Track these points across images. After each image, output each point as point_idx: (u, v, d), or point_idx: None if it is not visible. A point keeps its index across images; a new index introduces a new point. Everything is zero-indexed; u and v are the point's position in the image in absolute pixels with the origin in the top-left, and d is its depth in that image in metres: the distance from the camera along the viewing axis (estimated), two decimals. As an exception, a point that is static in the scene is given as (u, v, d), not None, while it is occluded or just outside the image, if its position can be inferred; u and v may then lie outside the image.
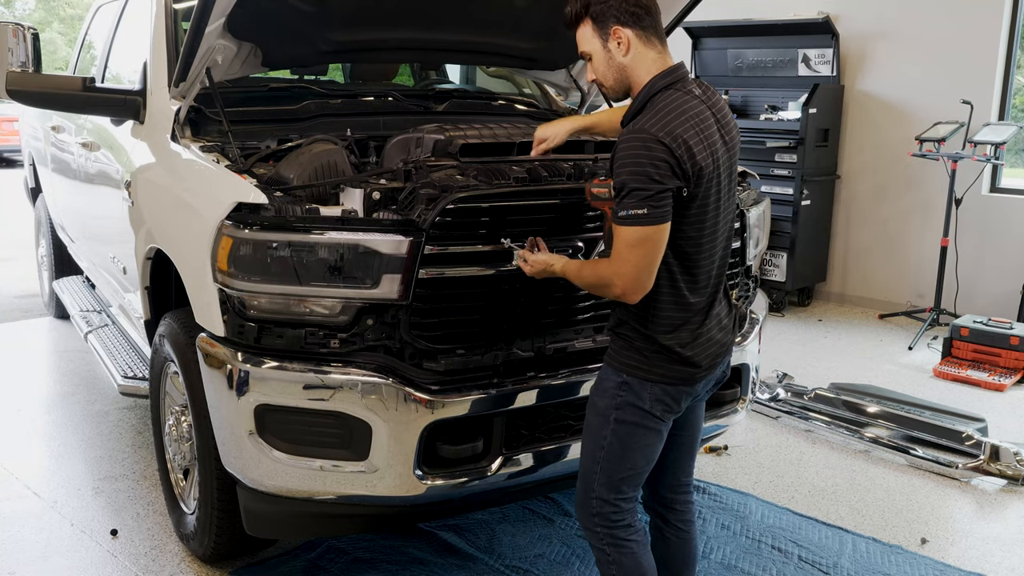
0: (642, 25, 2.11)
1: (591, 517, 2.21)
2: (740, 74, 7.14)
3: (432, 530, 3.18)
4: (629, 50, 2.12)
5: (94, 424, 4.17)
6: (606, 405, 2.17)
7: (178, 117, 3.00)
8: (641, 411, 2.14)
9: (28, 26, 3.32)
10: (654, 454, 2.22)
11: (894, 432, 4.15)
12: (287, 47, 3.28)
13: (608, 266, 2.07)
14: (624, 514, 2.20)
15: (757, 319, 3.21)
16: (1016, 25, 6.06)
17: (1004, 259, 6.08)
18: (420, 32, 3.49)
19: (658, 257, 2.02)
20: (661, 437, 2.21)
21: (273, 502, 2.53)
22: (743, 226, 3.07)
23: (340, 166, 2.69)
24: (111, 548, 3.09)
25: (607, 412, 2.16)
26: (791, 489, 3.69)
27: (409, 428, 2.37)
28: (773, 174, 6.47)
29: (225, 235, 2.36)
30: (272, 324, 2.40)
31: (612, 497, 2.19)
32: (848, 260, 6.93)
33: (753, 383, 3.16)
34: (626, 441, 2.16)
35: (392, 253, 2.32)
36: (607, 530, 2.20)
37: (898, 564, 3.09)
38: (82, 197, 4.24)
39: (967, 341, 5.27)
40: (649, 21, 2.12)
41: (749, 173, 3.37)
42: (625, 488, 2.20)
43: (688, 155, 1.98)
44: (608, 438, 2.16)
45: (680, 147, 1.97)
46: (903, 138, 6.35)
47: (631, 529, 2.21)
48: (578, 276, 2.19)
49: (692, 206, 2.04)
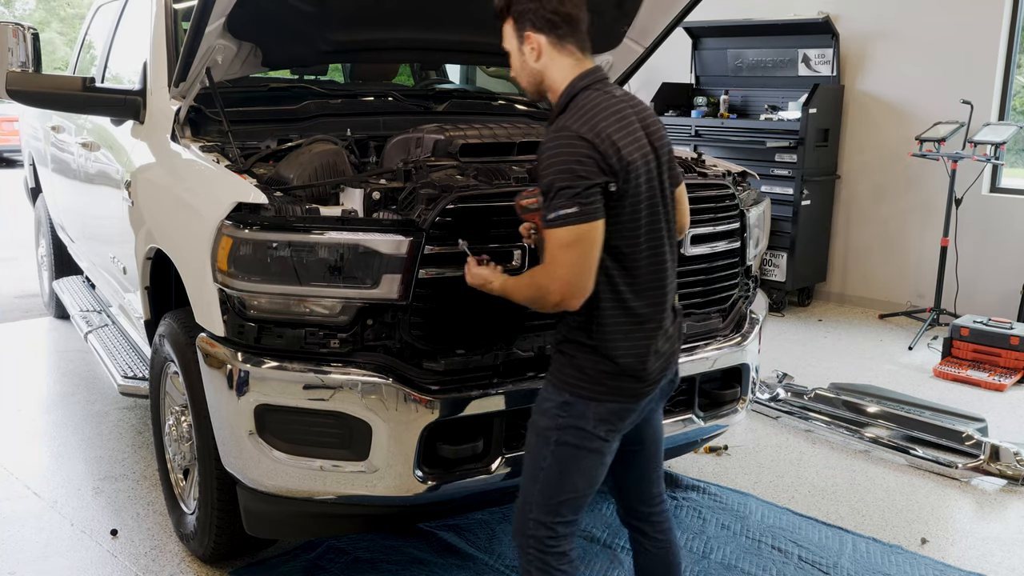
0: (557, 33, 2.06)
1: (526, 538, 2.13)
2: (740, 74, 7.14)
3: (432, 530, 3.18)
4: (540, 56, 2.08)
5: (94, 424, 4.17)
6: (547, 426, 2.08)
7: (178, 117, 3.00)
8: (584, 432, 2.05)
9: (28, 26, 3.32)
10: (597, 477, 2.12)
11: (894, 432, 4.15)
12: (287, 47, 3.28)
13: (543, 273, 1.99)
14: (560, 540, 2.12)
15: (757, 319, 3.21)
16: (1016, 25, 6.06)
17: (1004, 259, 6.08)
18: (420, 32, 3.49)
19: (593, 257, 1.95)
20: (604, 459, 2.11)
21: (273, 502, 2.53)
22: (743, 226, 3.07)
23: (340, 166, 2.69)
24: (111, 548, 3.09)
25: (548, 433, 2.08)
26: (791, 489, 3.69)
27: (409, 428, 2.37)
28: (773, 174, 6.47)
29: (225, 235, 2.36)
30: (272, 324, 2.40)
31: (549, 520, 2.10)
32: (848, 260, 6.93)
33: (753, 383, 3.16)
34: (567, 464, 2.07)
35: (392, 253, 2.32)
36: (539, 554, 2.11)
37: (898, 564, 3.09)
38: (82, 197, 4.24)
39: (967, 341, 5.27)
40: (567, 30, 2.06)
41: (749, 173, 3.37)
42: (564, 512, 2.11)
43: (613, 149, 1.94)
44: (548, 459, 2.08)
45: (604, 142, 1.93)
46: (903, 138, 6.35)
47: (564, 558, 2.11)
48: (516, 290, 2.09)
49: (624, 203, 1.98)
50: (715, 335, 2.99)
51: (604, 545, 3.13)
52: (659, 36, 3.70)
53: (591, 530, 3.22)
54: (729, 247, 3.01)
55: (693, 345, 2.90)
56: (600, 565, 3.01)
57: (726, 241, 2.99)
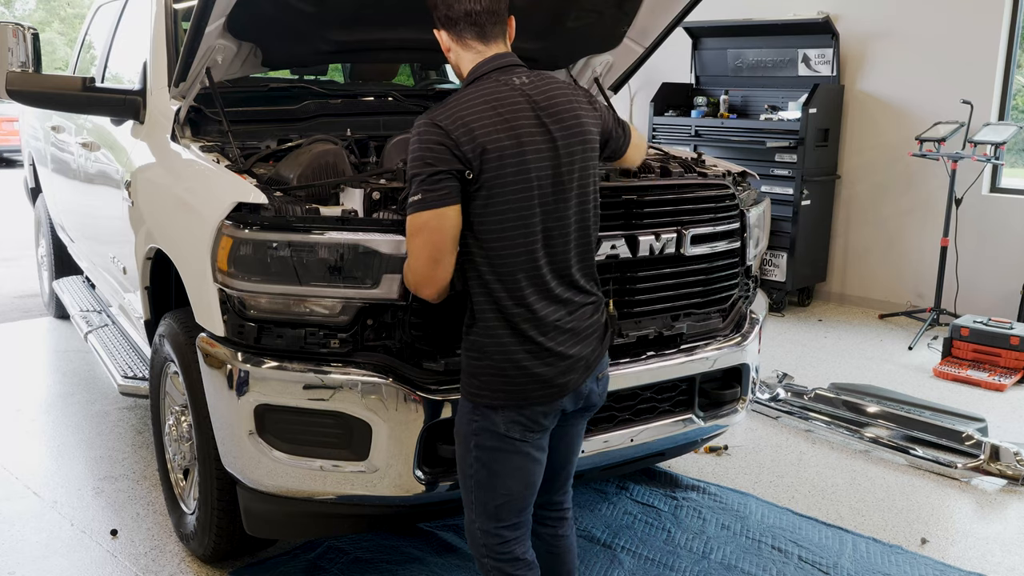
0: (456, 30, 2.10)
1: (478, 548, 2.14)
2: (740, 74, 7.14)
3: (432, 530, 3.18)
4: (449, 51, 2.14)
5: (94, 424, 4.17)
6: (464, 432, 2.09)
7: (178, 117, 3.00)
8: (498, 435, 2.04)
9: (28, 26, 3.33)
10: (529, 476, 2.10)
11: (894, 432, 4.15)
12: (287, 47, 3.28)
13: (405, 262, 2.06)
14: (510, 545, 2.11)
15: (757, 319, 3.21)
16: (1016, 25, 6.05)
17: (1004, 259, 6.08)
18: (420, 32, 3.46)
19: (443, 245, 1.94)
20: (532, 458, 2.09)
21: (273, 502, 2.53)
22: (743, 226, 3.07)
23: (340, 166, 2.69)
24: (111, 548, 3.09)
25: (467, 439, 2.09)
26: (791, 489, 3.69)
27: (409, 428, 2.37)
28: (773, 174, 6.47)
29: (225, 235, 2.36)
30: (272, 324, 2.40)
31: (493, 527, 2.11)
32: (848, 260, 6.93)
33: (753, 383, 3.16)
34: (492, 467, 2.07)
35: (392, 253, 2.32)
36: (494, 562, 2.12)
37: (898, 564, 3.09)
38: (82, 197, 4.24)
39: (967, 341, 5.27)
40: (463, 25, 2.08)
41: (749, 173, 3.37)
42: (504, 515, 2.10)
43: (468, 136, 1.92)
44: (473, 466, 2.09)
45: (458, 128, 1.93)
46: (903, 138, 6.35)
47: (519, 563, 2.12)
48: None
49: (483, 192, 1.95)
50: (715, 335, 2.99)
51: (604, 545, 3.13)
52: (659, 36, 3.69)
53: (591, 530, 3.22)
54: (729, 247, 3.01)
55: (693, 345, 2.90)
56: (600, 565, 3.01)
57: (726, 241, 2.99)
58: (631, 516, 3.36)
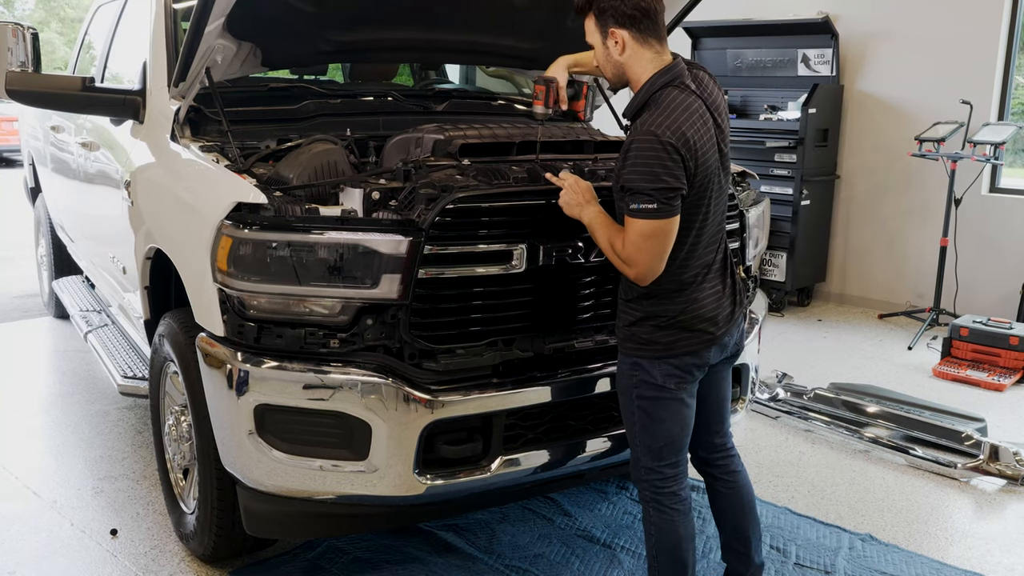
0: (639, 28, 2.20)
1: (641, 482, 2.43)
2: (740, 74, 7.14)
3: (432, 530, 3.18)
4: (624, 50, 2.23)
5: (94, 424, 4.17)
6: (625, 385, 2.38)
7: (178, 117, 3.00)
8: (655, 386, 2.32)
9: (28, 26, 3.33)
10: (685, 420, 2.38)
11: (894, 432, 4.15)
12: (287, 47, 3.28)
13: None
14: (669, 482, 2.39)
15: (757, 319, 3.21)
16: (1016, 25, 6.06)
17: (1004, 259, 6.08)
18: (420, 32, 3.49)
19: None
20: (686, 404, 2.37)
21: (273, 502, 2.53)
22: (742, 226, 3.07)
23: (340, 166, 2.69)
24: (111, 548, 3.09)
25: (629, 391, 2.37)
26: (790, 489, 3.69)
27: (409, 428, 2.37)
28: (773, 174, 6.47)
29: (225, 235, 2.36)
30: (272, 324, 2.40)
31: (655, 465, 2.38)
32: (848, 260, 6.93)
33: (753, 383, 3.16)
34: (652, 414, 2.34)
35: (392, 253, 2.32)
36: (652, 494, 2.40)
37: (896, 564, 3.10)
38: (82, 197, 4.24)
39: (967, 341, 5.27)
40: (647, 24, 2.21)
41: (749, 173, 3.37)
42: (666, 455, 2.37)
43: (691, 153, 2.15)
44: (636, 414, 2.36)
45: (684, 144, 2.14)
46: (903, 138, 6.35)
47: (675, 498, 2.39)
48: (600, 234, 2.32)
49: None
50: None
51: (604, 545, 3.13)
52: (659, 36, 3.69)
53: (591, 530, 3.23)
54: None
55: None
56: (600, 565, 3.01)
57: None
58: (631, 516, 3.36)
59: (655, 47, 2.24)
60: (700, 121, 2.18)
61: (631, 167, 2.14)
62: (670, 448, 2.37)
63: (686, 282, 2.29)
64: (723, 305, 2.37)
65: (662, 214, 2.13)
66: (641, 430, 2.37)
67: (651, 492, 2.40)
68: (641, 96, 2.24)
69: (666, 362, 2.30)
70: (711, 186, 2.24)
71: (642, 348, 2.32)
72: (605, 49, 2.28)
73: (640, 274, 2.21)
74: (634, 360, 2.34)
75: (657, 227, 2.14)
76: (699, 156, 2.16)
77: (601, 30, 2.26)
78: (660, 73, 2.22)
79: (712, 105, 2.26)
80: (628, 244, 2.18)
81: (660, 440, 2.36)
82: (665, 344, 2.29)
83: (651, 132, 2.12)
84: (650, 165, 2.10)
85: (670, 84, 2.20)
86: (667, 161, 2.10)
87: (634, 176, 2.13)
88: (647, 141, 2.12)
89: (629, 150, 2.16)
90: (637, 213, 2.14)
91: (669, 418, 2.35)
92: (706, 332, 2.32)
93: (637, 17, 2.19)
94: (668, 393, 2.32)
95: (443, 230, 2.37)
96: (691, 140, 2.13)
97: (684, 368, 2.32)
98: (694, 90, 2.23)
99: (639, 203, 2.12)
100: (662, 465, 2.38)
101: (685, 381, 2.34)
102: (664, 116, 2.13)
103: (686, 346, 2.30)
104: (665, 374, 2.31)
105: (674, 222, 2.16)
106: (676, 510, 2.39)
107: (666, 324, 2.29)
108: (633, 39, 2.22)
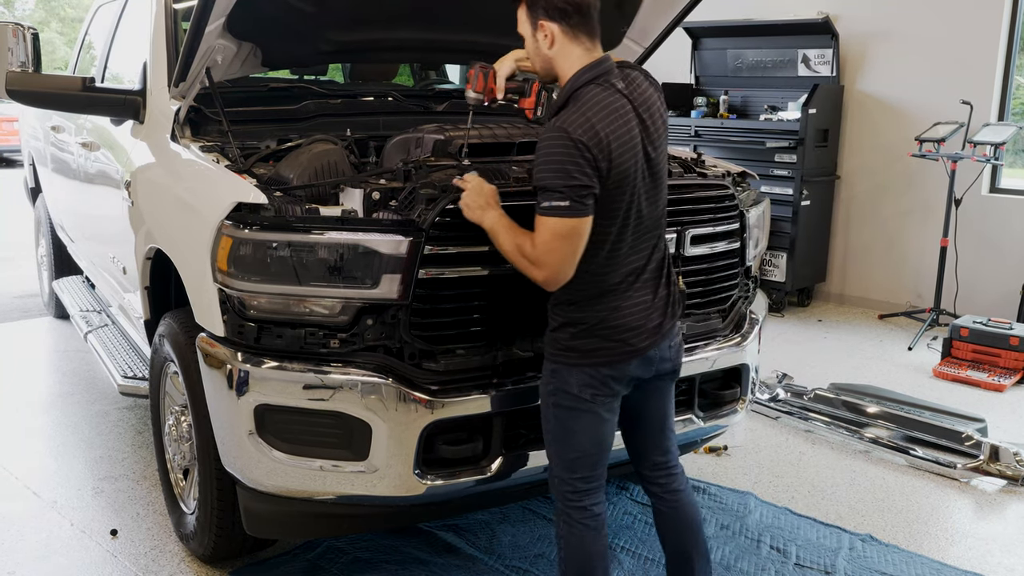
0: (569, 22, 2.15)
1: (555, 491, 2.33)
2: (740, 74, 7.14)
3: (432, 530, 3.18)
4: (553, 44, 2.18)
5: (94, 424, 4.17)
6: (544, 391, 2.30)
7: (178, 117, 3.00)
8: (571, 395, 2.23)
9: (28, 26, 3.33)
10: (599, 438, 2.28)
11: (894, 432, 4.15)
12: (287, 47, 3.28)
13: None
14: (580, 495, 2.28)
15: (757, 319, 3.21)
16: (1016, 25, 6.06)
17: (1004, 259, 6.08)
18: (420, 32, 3.49)
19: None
20: (602, 419, 2.26)
21: (273, 502, 2.53)
22: (743, 226, 3.07)
23: (340, 166, 2.69)
24: (111, 548, 3.09)
25: (547, 398, 2.29)
26: (790, 489, 3.69)
27: (409, 428, 2.37)
28: (773, 174, 6.47)
29: (225, 235, 2.36)
30: (272, 324, 2.40)
31: (567, 476, 2.28)
32: (848, 260, 6.93)
33: (753, 383, 3.16)
34: (566, 424, 2.26)
35: (392, 253, 2.32)
36: (563, 506, 2.31)
37: (896, 564, 3.10)
38: (82, 197, 4.24)
39: (967, 341, 5.27)
40: (578, 19, 2.15)
41: (749, 173, 3.37)
42: (579, 468, 2.28)
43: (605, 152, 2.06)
44: (551, 422, 2.28)
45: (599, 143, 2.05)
46: (903, 138, 6.35)
47: (586, 513, 2.28)
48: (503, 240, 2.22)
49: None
50: (715, 335, 2.99)
51: (604, 545, 3.13)
52: (659, 36, 3.70)
53: (591, 530, 3.22)
54: (729, 247, 3.01)
55: (693, 345, 2.90)
56: (600, 565, 3.01)
57: (726, 241, 2.99)
58: (631, 516, 3.36)
59: (585, 44, 2.17)
60: (620, 120, 2.10)
61: (542, 165, 2.07)
62: (582, 462, 2.27)
63: (608, 289, 2.20)
64: (651, 317, 2.25)
65: (575, 212, 2.04)
66: (554, 439, 2.28)
67: (562, 504, 2.30)
68: (564, 93, 2.16)
69: (582, 371, 2.21)
70: (630, 188, 2.14)
71: (560, 354, 2.24)
72: (534, 41, 2.22)
73: (549, 277, 2.12)
74: (554, 367, 2.25)
75: (570, 226, 2.05)
76: (613, 156, 2.07)
77: (531, 21, 2.20)
78: (584, 70, 2.14)
79: (641, 105, 2.18)
80: (539, 244, 2.09)
81: (572, 452, 2.27)
82: (582, 352, 2.21)
83: (562, 129, 2.05)
84: (561, 162, 2.03)
85: (592, 82, 2.13)
86: (578, 159, 2.03)
87: (546, 174, 2.05)
88: (558, 138, 2.05)
89: (541, 147, 2.09)
90: (549, 211, 2.05)
91: (582, 431, 2.25)
92: (627, 343, 2.21)
93: (568, 11, 2.13)
94: (583, 404, 2.22)
95: (443, 230, 2.36)
96: (604, 139, 2.05)
97: (600, 379, 2.22)
98: (619, 89, 2.15)
99: (551, 201, 2.04)
100: (574, 478, 2.28)
101: (601, 394, 2.23)
102: (579, 114, 2.06)
103: (604, 356, 2.21)
104: (581, 383, 2.21)
105: (587, 222, 2.08)
106: (586, 525, 2.28)
107: (585, 332, 2.20)
108: (563, 33, 2.15)
